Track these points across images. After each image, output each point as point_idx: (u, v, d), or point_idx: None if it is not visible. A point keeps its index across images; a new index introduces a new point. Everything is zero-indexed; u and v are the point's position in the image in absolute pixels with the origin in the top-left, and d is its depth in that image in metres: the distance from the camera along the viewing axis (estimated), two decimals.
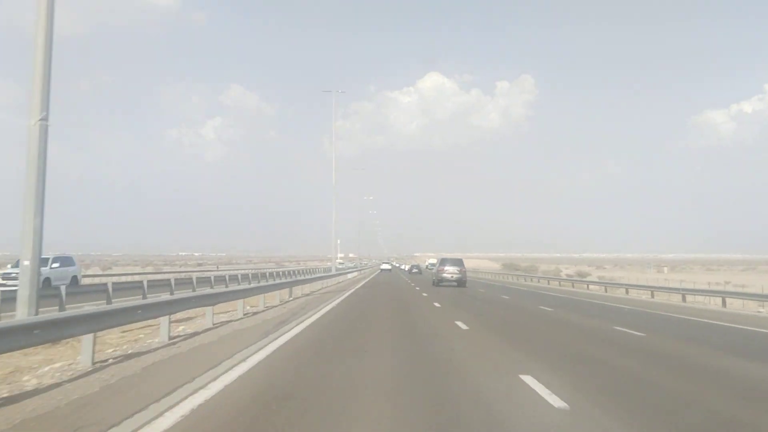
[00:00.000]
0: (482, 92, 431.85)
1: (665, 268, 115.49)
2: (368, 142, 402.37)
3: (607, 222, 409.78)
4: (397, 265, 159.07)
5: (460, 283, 42.95)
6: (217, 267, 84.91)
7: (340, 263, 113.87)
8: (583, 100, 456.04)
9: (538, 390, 7.85)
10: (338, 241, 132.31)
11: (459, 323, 16.92)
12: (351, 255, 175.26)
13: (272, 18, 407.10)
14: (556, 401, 7.22)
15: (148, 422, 6.17)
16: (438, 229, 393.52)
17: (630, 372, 9.97)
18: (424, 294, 33.37)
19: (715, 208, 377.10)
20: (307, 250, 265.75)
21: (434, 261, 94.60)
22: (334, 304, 24.24)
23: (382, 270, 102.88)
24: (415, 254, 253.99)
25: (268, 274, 52.41)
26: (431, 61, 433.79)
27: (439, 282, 43.92)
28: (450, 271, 43.62)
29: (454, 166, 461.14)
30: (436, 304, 25.08)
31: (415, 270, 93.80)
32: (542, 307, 25.68)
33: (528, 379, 8.53)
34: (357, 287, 40.70)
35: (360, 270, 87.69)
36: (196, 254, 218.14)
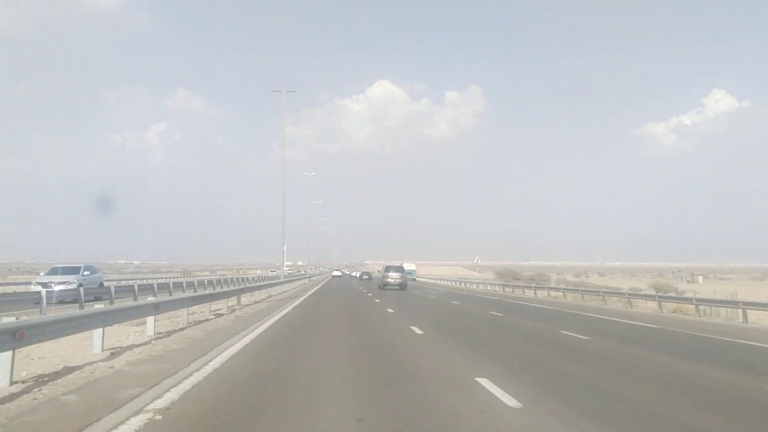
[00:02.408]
0: (432, 101, 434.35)
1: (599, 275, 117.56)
2: (320, 148, 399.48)
3: (556, 230, 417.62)
4: (348, 272, 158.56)
5: (402, 286, 50.31)
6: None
7: (288, 271, 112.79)
8: (530, 113, 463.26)
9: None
10: (285, 248, 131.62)
11: (414, 328, 17.12)
12: (300, 263, 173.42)
13: (221, 21, 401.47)
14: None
15: None
16: (390, 237, 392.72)
17: (575, 373, 10.44)
18: (377, 300, 34.03)
19: (658, 216, 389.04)
20: (256, 258, 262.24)
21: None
22: (274, 319, 20.58)
23: (333, 276, 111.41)
24: (366, 262, 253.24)
25: (185, 283, 41.85)
26: (381, 69, 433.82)
27: (384, 286, 50.50)
28: (393, 277, 51.02)
29: (405, 174, 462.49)
30: (390, 310, 25.46)
31: (365, 277, 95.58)
32: (491, 312, 26.42)
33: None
34: (306, 295, 39.64)
35: (310, 277, 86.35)
36: (136, 262, 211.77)
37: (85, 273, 31.02)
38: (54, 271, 30.60)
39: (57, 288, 25.07)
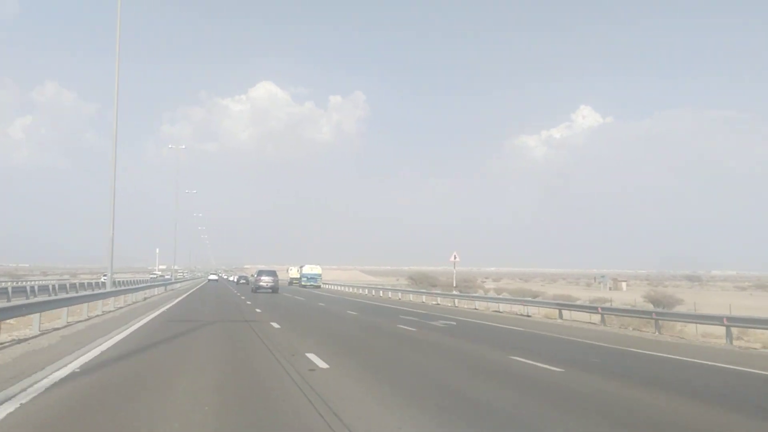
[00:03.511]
0: (316, 105, 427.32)
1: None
2: (198, 148, 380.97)
3: (436, 237, 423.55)
4: (226, 276, 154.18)
5: (274, 290, 53.48)
6: None
7: (159, 275, 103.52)
8: (411, 121, 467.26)
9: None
10: (158, 251, 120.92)
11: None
12: (175, 267, 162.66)
13: (95, 10, 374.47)
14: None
15: None
16: (271, 241, 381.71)
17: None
18: (249, 302, 34.30)
19: (530, 225, 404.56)
20: (128, 262, 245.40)
21: (296, 272, 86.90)
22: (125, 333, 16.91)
23: (209, 280, 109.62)
24: (246, 266, 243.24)
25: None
26: (265, 71, 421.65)
27: (257, 289, 53.68)
28: (265, 280, 54.26)
29: (288, 177, 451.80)
30: (258, 310, 26.45)
31: (242, 281, 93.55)
32: (349, 311, 27.54)
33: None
34: (173, 303, 33.04)
35: (181, 282, 78.78)
36: None
37: None
38: None
39: None
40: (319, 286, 76.08)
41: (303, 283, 77.74)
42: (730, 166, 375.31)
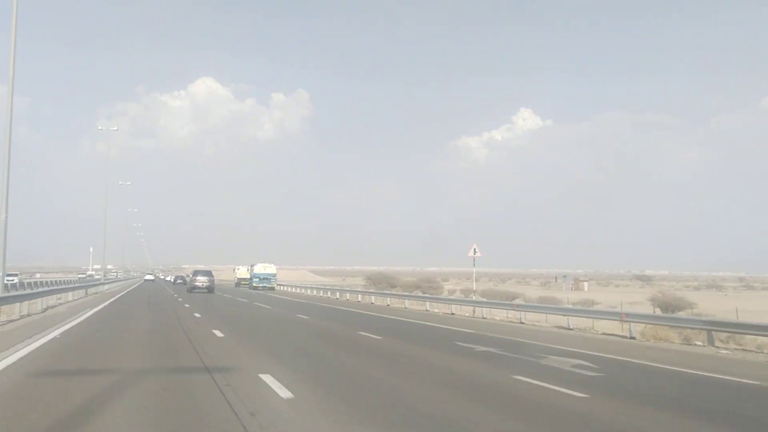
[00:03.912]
0: (258, 102, 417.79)
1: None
2: (135, 145, 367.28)
3: (382, 236, 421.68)
4: (163, 276, 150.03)
5: (210, 289, 53.72)
6: None
7: (91, 274, 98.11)
8: (356, 121, 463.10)
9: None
10: (92, 250, 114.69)
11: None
12: (109, 266, 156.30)
13: (30, 6, 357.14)
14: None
15: None
16: (213, 240, 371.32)
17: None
18: (186, 305, 32.17)
19: (473, 226, 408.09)
20: (61, 261, 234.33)
21: (245, 271, 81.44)
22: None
23: (145, 280, 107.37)
24: (184, 266, 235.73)
25: None
26: (205, 67, 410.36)
27: (192, 289, 54.18)
28: (201, 280, 54.80)
29: (228, 175, 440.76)
30: (197, 314, 24.67)
31: (179, 281, 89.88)
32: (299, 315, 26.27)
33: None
34: (101, 306, 29.48)
35: (111, 283, 73.97)
36: None
37: None
38: None
39: None
40: (273, 288, 69.07)
41: (254, 285, 70.87)
42: (662, 169, 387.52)
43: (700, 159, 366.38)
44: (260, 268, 72.84)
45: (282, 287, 69.20)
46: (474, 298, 35.53)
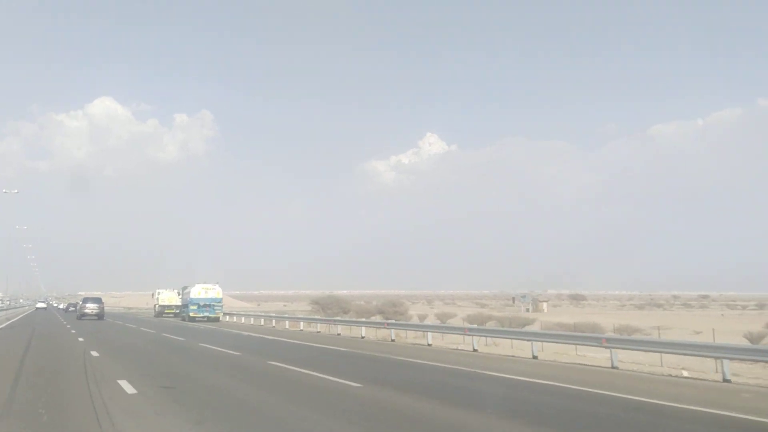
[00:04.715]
0: (160, 123, 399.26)
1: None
2: (30, 166, 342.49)
3: (287, 261, 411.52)
4: (56, 304, 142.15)
5: (99, 316, 54.14)
6: None
7: None
8: (263, 144, 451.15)
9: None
10: None
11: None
12: None
13: None
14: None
15: None
16: (112, 266, 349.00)
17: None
18: (73, 331, 32.59)
19: (382, 248, 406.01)
20: None
21: (172, 296, 65.96)
22: None
23: (37, 308, 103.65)
24: (80, 293, 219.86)
25: None
26: (104, 86, 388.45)
27: (82, 316, 54.15)
28: (90, 307, 55.18)
29: (130, 198, 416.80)
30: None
31: (71, 309, 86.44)
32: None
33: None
34: None
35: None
36: None
37: None
38: None
39: None
40: (217, 319, 52.03)
41: (191, 314, 52.33)
42: (557, 192, 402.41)
43: (593, 182, 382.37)
44: (200, 291, 53.47)
45: (228, 317, 53.73)
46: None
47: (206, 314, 52.12)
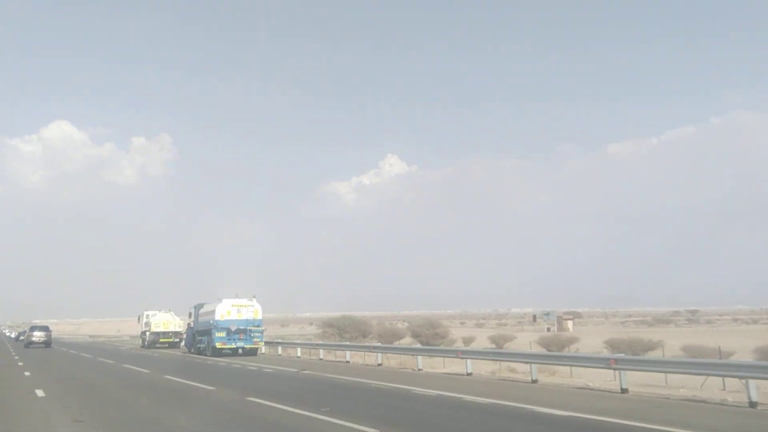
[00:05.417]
0: (117, 146, 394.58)
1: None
2: None
3: (250, 282, 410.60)
4: (8, 332, 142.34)
5: (47, 344, 56.50)
6: None
7: None
8: (221, 164, 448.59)
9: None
10: None
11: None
12: None
13: None
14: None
15: None
16: (70, 292, 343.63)
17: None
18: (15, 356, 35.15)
19: (342, 269, 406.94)
20: None
21: (171, 320, 53.17)
22: None
23: None
24: (35, 321, 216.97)
25: None
26: (60, 110, 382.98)
27: (29, 344, 56.15)
28: (38, 335, 57.59)
29: (85, 223, 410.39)
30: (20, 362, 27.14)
31: (21, 337, 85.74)
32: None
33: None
34: None
35: None
36: None
37: None
38: None
39: None
40: (255, 351, 36.90)
41: (218, 345, 35.44)
42: (518, 210, 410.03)
43: (551, 199, 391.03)
44: (229, 311, 36.23)
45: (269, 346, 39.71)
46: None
47: (241, 345, 36.02)
